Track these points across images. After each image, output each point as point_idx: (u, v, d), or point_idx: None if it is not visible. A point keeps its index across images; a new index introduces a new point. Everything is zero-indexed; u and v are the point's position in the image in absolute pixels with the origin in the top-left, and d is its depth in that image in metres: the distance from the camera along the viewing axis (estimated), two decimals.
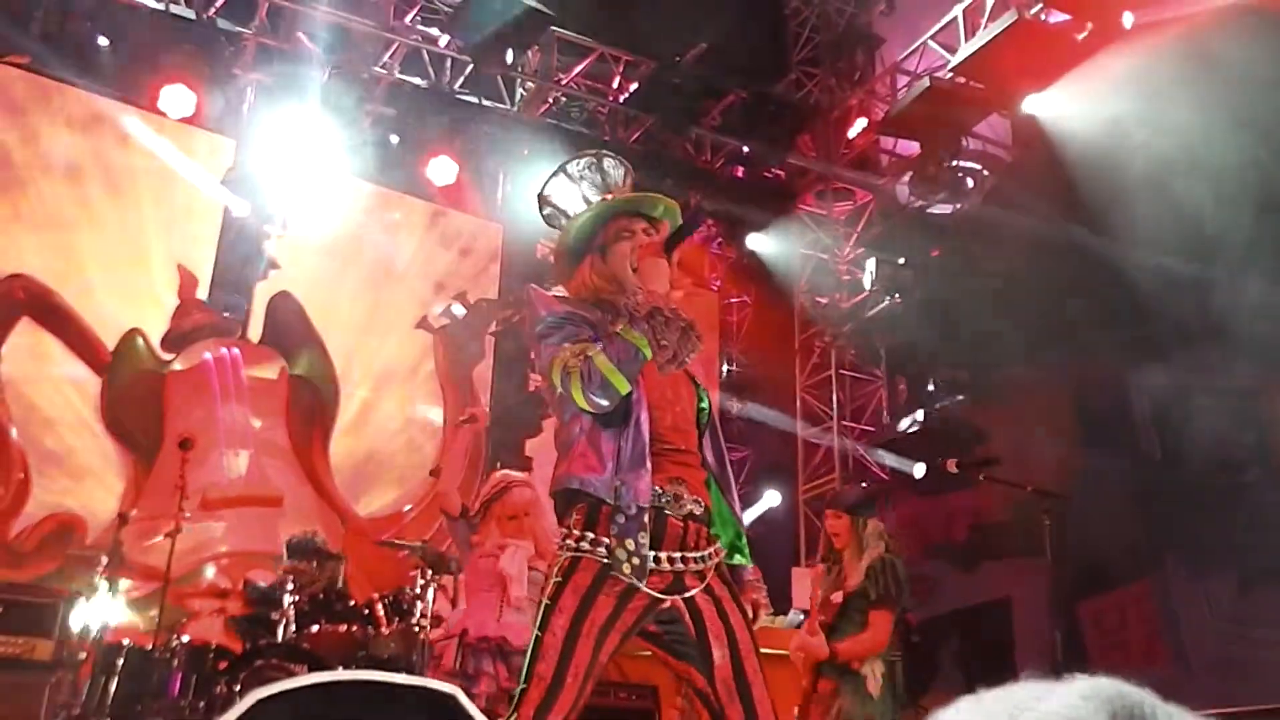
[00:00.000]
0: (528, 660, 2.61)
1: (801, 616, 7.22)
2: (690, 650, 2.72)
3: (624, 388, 2.64)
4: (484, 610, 5.11)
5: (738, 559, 2.97)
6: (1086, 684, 0.80)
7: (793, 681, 6.46)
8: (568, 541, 2.69)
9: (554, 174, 2.99)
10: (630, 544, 2.64)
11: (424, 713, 1.14)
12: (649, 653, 2.89)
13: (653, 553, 2.66)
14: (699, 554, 2.75)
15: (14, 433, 8.01)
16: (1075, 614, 7.77)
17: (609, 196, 2.95)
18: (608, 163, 2.98)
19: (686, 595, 2.72)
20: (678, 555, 2.71)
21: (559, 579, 2.65)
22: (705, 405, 2.96)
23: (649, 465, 2.70)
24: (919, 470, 9.42)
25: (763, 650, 2.79)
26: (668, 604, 2.70)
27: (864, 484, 10.49)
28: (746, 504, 11.41)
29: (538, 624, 2.64)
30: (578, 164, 2.97)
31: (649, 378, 2.77)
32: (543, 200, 3.02)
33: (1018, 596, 8.58)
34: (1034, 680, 0.83)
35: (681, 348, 2.69)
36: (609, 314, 2.79)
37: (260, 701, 1.05)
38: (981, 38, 8.88)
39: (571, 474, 2.72)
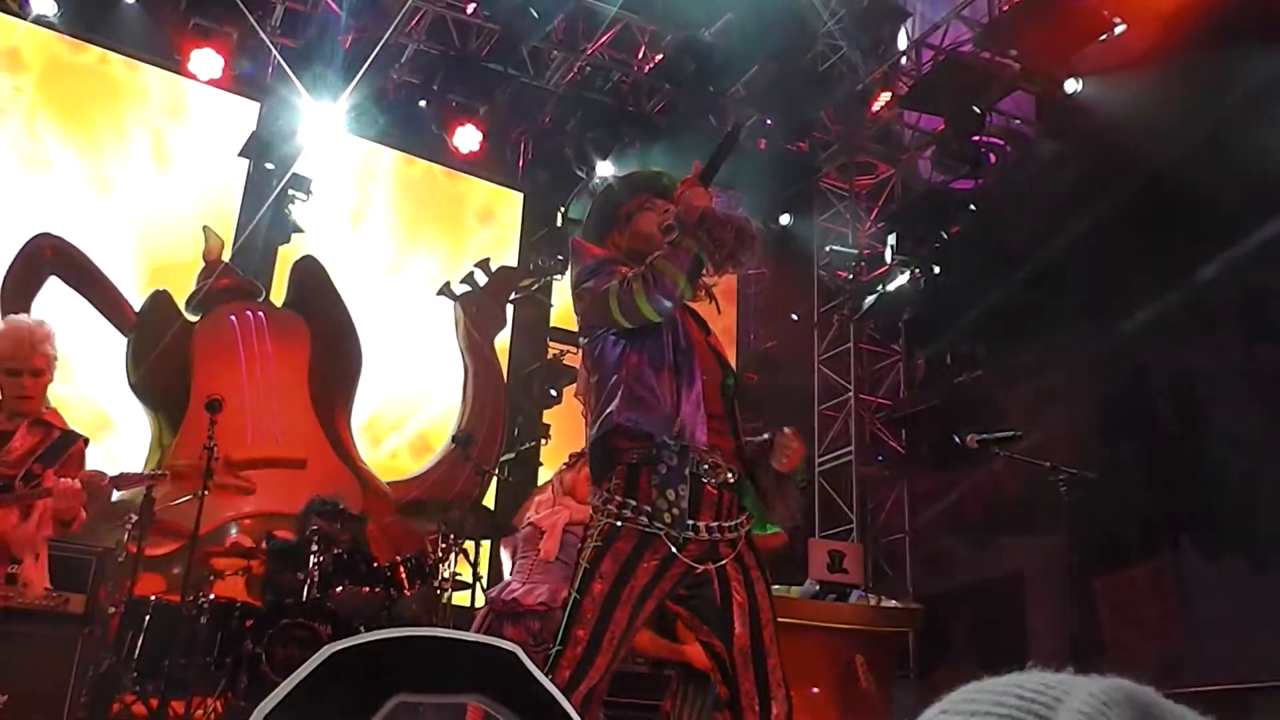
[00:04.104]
0: (565, 622, 2.65)
1: (817, 587, 7.29)
2: (713, 617, 2.76)
3: (687, 292, 2.68)
4: (520, 575, 5.18)
5: (770, 528, 3.01)
6: (1102, 685, 0.77)
7: (805, 651, 6.54)
8: (608, 507, 2.69)
9: (573, 198, 3.09)
10: (671, 494, 2.66)
11: (487, 668, 1.19)
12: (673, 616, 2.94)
13: (690, 521, 2.69)
14: (732, 523, 2.79)
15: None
16: (1089, 590, 7.82)
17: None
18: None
19: (719, 564, 2.76)
20: (715, 524, 2.74)
21: (599, 544, 2.67)
22: (731, 382, 2.98)
23: (705, 411, 2.73)
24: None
25: (777, 619, 2.84)
26: (701, 570, 2.74)
27: (880, 458, 10.57)
28: None
29: (576, 587, 2.67)
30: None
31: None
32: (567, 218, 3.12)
33: (1031, 572, 8.64)
34: (1040, 671, 0.80)
35: (737, 248, 2.71)
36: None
37: (336, 653, 1.11)
38: (1007, 12, 8.86)
39: (623, 413, 2.71)
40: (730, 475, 2.81)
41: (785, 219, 10.61)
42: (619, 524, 2.68)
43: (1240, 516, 7.21)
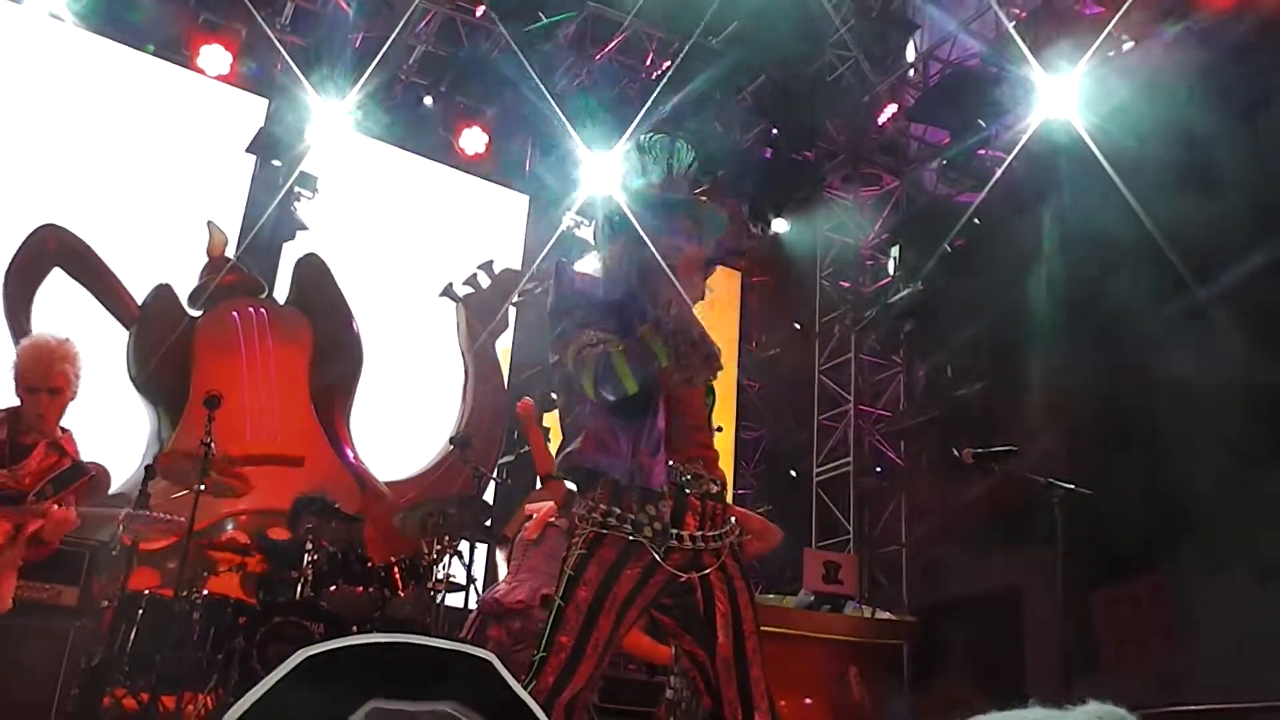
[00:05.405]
0: (549, 628, 2.65)
1: (812, 597, 7.28)
2: (697, 626, 2.77)
3: (632, 390, 2.65)
4: (510, 575, 5.19)
5: None
6: (1095, 708, 0.79)
7: (799, 661, 6.53)
8: (593, 515, 2.72)
9: (625, 140, 3.02)
10: (651, 509, 2.69)
11: (461, 675, 1.19)
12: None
13: (674, 530, 2.71)
14: (716, 533, 2.80)
15: None
16: (1087, 603, 7.80)
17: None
18: (679, 145, 2.96)
19: (703, 573, 2.76)
20: (698, 534, 2.75)
21: (583, 551, 2.69)
22: (711, 401, 2.97)
23: (664, 454, 2.73)
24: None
25: (771, 630, 2.85)
26: (684, 579, 2.75)
27: (878, 469, 10.57)
28: (761, 484, 11.49)
29: (560, 594, 2.68)
30: (649, 138, 2.96)
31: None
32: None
33: (1028, 584, 8.61)
34: (1040, 707, 0.82)
35: (699, 373, 2.68)
36: (628, 307, 2.78)
37: (309, 658, 1.11)
38: (1016, 26, 8.86)
39: (585, 454, 2.75)
40: (714, 485, 2.83)
41: (787, 225, 10.60)
42: (604, 532, 2.70)
43: (1239, 532, 7.19)
